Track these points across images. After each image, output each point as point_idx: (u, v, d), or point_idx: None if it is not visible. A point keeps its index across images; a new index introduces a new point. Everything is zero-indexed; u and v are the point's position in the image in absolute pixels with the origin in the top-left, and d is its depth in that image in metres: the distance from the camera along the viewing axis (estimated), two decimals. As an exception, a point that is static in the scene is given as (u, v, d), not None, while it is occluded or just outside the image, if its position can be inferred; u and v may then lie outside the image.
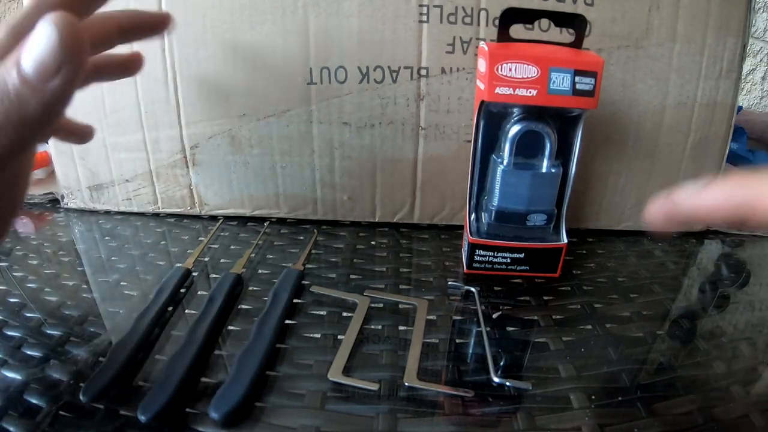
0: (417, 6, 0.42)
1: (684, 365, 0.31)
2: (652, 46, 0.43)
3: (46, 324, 0.34)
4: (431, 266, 0.43)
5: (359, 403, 0.28)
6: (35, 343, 0.32)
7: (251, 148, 0.47)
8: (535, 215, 0.39)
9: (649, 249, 0.47)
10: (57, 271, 0.41)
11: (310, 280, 0.40)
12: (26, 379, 0.28)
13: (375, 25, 0.43)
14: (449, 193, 0.48)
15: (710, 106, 0.45)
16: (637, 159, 0.47)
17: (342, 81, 0.44)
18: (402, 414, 0.27)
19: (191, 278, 0.39)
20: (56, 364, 0.30)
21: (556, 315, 0.36)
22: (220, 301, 0.34)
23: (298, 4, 0.43)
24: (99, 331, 0.33)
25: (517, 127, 0.37)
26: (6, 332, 0.33)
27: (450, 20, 0.43)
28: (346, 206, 0.50)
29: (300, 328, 0.34)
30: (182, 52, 0.44)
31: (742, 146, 0.67)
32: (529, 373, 0.30)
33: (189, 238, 0.47)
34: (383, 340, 0.33)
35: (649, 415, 0.27)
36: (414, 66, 0.44)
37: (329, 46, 0.44)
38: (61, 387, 0.28)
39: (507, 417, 0.27)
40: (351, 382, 0.29)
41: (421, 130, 0.46)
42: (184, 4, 0.43)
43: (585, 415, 0.27)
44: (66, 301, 0.37)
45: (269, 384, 0.29)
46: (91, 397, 0.26)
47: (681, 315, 0.37)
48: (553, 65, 0.34)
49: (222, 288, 0.36)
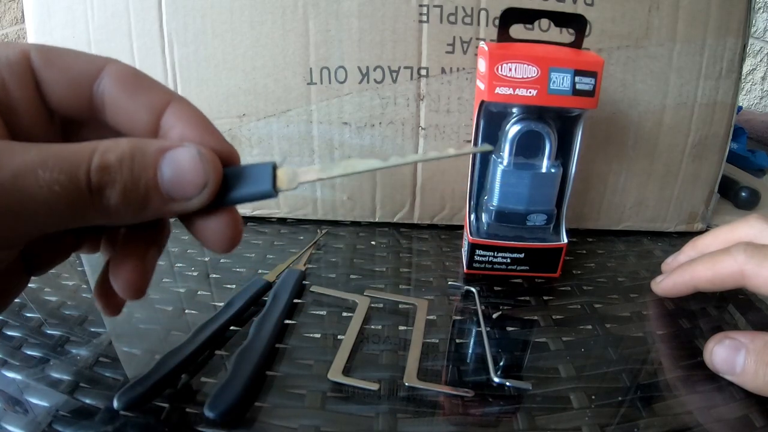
0: (417, 6, 0.42)
1: (684, 365, 0.31)
2: (652, 46, 0.43)
3: (46, 324, 0.34)
4: (431, 266, 0.43)
5: (359, 403, 0.28)
6: (35, 343, 0.32)
7: (251, 148, 0.47)
8: (535, 215, 0.39)
9: (649, 249, 0.47)
10: (57, 270, 0.41)
11: (311, 280, 0.40)
12: (26, 379, 0.28)
13: (375, 25, 0.43)
14: (449, 193, 0.48)
15: (710, 106, 0.45)
16: (637, 159, 0.47)
17: (342, 81, 0.44)
18: (402, 414, 0.27)
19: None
20: (56, 364, 0.30)
21: (556, 315, 0.36)
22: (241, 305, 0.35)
23: (298, 4, 0.43)
24: (99, 331, 0.33)
25: (517, 127, 0.37)
26: (6, 332, 0.33)
27: (450, 20, 0.43)
28: (346, 206, 0.50)
29: (300, 328, 0.34)
30: (182, 52, 0.44)
31: (742, 146, 0.67)
32: (529, 373, 0.30)
33: (188, 238, 0.46)
34: (383, 340, 0.33)
35: (649, 415, 0.27)
36: (414, 66, 0.44)
37: (329, 46, 0.44)
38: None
39: (507, 417, 0.27)
40: (351, 382, 0.29)
41: (421, 130, 0.46)
42: (184, 4, 0.43)
43: (585, 415, 0.27)
44: (66, 301, 0.37)
45: (269, 384, 0.29)
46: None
47: (681, 314, 0.37)
48: (553, 65, 0.34)
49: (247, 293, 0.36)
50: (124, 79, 0.20)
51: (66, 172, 0.16)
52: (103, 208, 0.17)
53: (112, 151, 0.17)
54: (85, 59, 0.20)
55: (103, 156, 0.17)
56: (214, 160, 0.18)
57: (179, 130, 0.19)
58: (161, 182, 0.17)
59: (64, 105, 0.20)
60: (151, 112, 0.20)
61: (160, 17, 0.44)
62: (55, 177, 0.16)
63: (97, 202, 0.17)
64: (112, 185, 0.17)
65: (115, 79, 0.19)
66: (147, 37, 0.44)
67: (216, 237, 0.19)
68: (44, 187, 0.16)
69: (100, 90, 0.19)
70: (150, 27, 0.44)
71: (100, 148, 0.17)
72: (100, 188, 0.17)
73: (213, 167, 0.18)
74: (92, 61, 0.20)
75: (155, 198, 0.18)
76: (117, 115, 0.20)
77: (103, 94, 0.20)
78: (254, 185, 0.19)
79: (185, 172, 0.18)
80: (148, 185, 0.17)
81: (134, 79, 0.20)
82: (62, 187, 0.16)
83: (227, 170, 0.19)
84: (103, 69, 0.20)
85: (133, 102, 0.20)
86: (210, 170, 0.18)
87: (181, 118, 0.20)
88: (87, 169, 0.16)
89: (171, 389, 0.28)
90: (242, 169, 0.19)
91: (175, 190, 0.18)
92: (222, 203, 0.19)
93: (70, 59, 0.20)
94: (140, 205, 0.17)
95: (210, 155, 0.18)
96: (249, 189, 0.19)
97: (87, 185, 0.16)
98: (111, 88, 0.19)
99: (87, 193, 0.16)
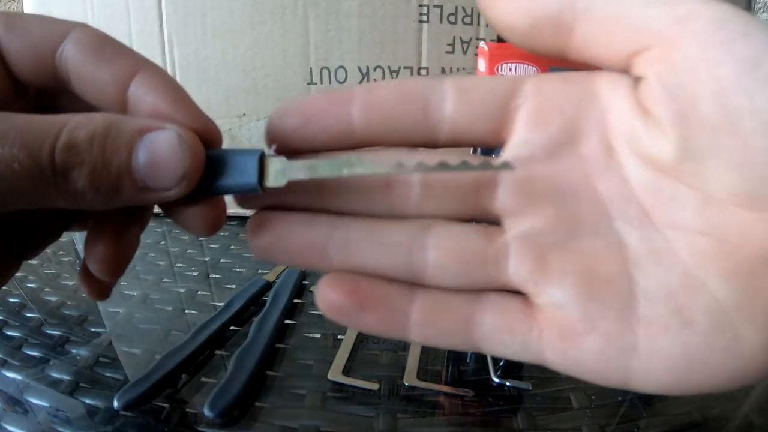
0: (417, 6, 0.42)
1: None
2: (652, 46, 0.43)
3: (46, 324, 0.34)
4: (431, 266, 0.43)
5: (359, 403, 0.28)
6: (35, 343, 0.32)
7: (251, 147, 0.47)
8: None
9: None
10: (57, 271, 0.41)
11: (311, 280, 0.40)
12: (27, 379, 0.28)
13: (375, 25, 0.43)
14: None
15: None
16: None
17: (342, 81, 0.44)
18: (402, 414, 0.27)
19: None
20: (56, 363, 0.30)
21: (556, 315, 0.36)
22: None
23: (298, 4, 0.43)
24: (99, 331, 0.33)
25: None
26: (6, 332, 0.33)
27: (450, 20, 0.43)
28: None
29: (300, 328, 0.34)
30: (182, 52, 0.44)
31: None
32: (529, 373, 0.30)
33: (188, 239, 0.47)
34: (383, 340, 0.33)
35: (649, 415, 0.27)
36: (414, 66, 0.44)
37: (329, 46, 0.44)
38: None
39: (507, 417, 0.27)
40: (351, 382, 0.29)
41: (421, 130, 0.46)
42: (184, 4, 0.43)
43: (585, 415, 0.27)
44: (66, 301, 0.37)
45: (269, 384, 0.29)
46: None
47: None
48: (553, 65, 0.34)
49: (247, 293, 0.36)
50: (88, 45, 0.17)
51: (27, 148, 0.14)
52: (68, 191, 0.15)
53: (83, 127, 0.15)
54: (49, 24, 0.18)
55: (71, 133, 0.15)
56: (196, 146, 0.16)
57: (150, 102, 0.17)
58: (135, 168, 0.15)
59: (27, 74, 0.18)
60: (117, 82, 0.17)
61: (160, 17, 0.44)
62: (14, 153, 0.14)
63: (62, 184, 0.15)
64: (80, 167, 0.15)
65: (78, 46, 0.17)
66: (147, 37, 0.44)
67: (196, 221, 0.17)
68: (1, 162, 0.14)
69: (63, 57, 0.17)
70: (150, 27, 0.44)
71: (70, 124, 0.15)
72: (65, 170, 0.15)
73: (194, 155, 0.16)
74: (56, 26, 0.17)
75: (128, 185, 0.16)
76: (82, 85, 0.18)
77: (67, 61, 0.17)
78: (238, 176, 0.17)
79: (163, 159, 0.15)
80: (120, 170, 0.15)
81: (99, 46, 0.17)
82: (22, 165, 0.14)
83: (209, 154, 0.17)
84: (67, 35, 0.17)
85: (98, 70, 0.17)
86: (190, 158, 0.16)
87: (152, 89, 0.17)
88: (51, 147, 0.14)
89: (171, 389, 0.28)
90: (226, 154, 0.17)
91: (151, 178, 0.16)
92: (201, 193, 0.17)
93: (33, 25, 0.18)
94: (111, 192, 0.16)
95: (192, 140, 0.16)
96: (232, 180, 0.17)
97: (50, 165, 0.14)
98: (74, 55, 0.17)
99: (50, 174, 0.15)
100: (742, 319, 0.14)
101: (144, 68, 0.17)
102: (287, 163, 0.17)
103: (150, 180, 0.16)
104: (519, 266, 0.16)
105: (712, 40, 0.14)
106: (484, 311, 0.16)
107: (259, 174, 0.17)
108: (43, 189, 0.15)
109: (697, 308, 0.15)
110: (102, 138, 0.15)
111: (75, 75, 0.17)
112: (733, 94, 0.14)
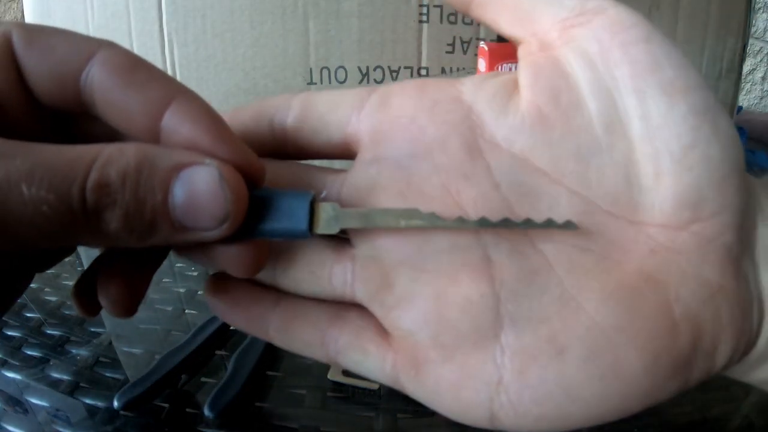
0: (417, 6, 0.42)
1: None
2: (652, 46, 0.43)
3: (46, 324, 0.34)
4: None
5: (359, 403, 0.28)
6: (35, 343, 0.32)
7: (251, 148, 0.47)
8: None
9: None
10: (57, 271, 0.41)
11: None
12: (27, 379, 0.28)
13: (375, 25, 0.43)
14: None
15: (710, 106, 0.45)
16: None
17: (342, 81, 0.44)
18: (402, 414, 0.27)
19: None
20: (56, 363, 0.30)
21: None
22: None
23: (298, 4, 0.43)
24: (99, 331, 0.33)
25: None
26: (6, 332, 0.33)
27: (450, 20, 0.43)
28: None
29: (300, 328, 0.34)
30: (182, 52, 0.44)
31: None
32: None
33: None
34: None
35: (649, 415, 0.27)
36: (414, 66, 0.44)
37: (329, 46, 0.44)
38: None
39: (507, 417, 0.27)
40: (351, 382, 0.29)
41: (421, 130, 0.46)
42: (184, 4, 0.43)
43: (585, 415, 0.27)
44: (66, 301, 0.37)
45: (269, 384, 0.29)
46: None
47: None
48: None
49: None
50: (117, 67, 0.16)
51: (56, 189, 0.13)
52: (100, 232, 0.14)
53: (114, 163, 0.14)
54: (74, 41, 0.16)
55: (102, 170, 0.13)
56: (239, 186, 0.15)
57: (186, 133, 0.16)
58: (171, 209, 0.14)
59: (48, 95, 0.16)
60: (149, 111, 0.16)
61: (160, 17, 0.44)
62: (42, 195, 0.13)
63: (94, 226, 0.14)
64: (112, 208, 0.14)
65: (106, 68, 0.16)
66: (147, 37, 0.44)
67: (236, 262, 0.16)
68: (29, 205, 0.13)
69: (88, 81, 0.16)
70: (150, 27, 0.44)
71: (100, 159, 0.14)
72: (97, 211, 0.14)
73: (237, 195, 0.14)
74: (82, 44, 0.16)
75: (164, 226, 0.14)
76: (110, 112, 0.16)
77: (92, 85, 0.16)
78: (286, 220, 0.16)
79: (203, 199, 0.14)
80: (155, 211, 0.14)
81: (130, 69, 0.16)
82: (51, 207, 0.13)
83: (254, 195, 0.15)
84: (94, 55, 0.16)
85: (128, 97, 0.16)
86: (233, 199, 0.14)
87: (189, 119, 0.16)
88: (81, 187, 0.13)
89: (171, 389, 0.28)
90: (272, 195, 0.16)
91: (189, 219, 0.14)
92: (245, 236, 0.16)
93: (56, 41, 0.16)
94: (145, 233, 0.14)
95: (234, 179, 0.15)
96: (279, 224, 0.15)
97: (81, 207, 0.13)
98: (102, 79, 0.16)
99: (81, 215, 0.13)
100: (622, 342, 0.13)
101: (180, 95, 0.16)
102: (340, 211, 0.16)
103: (188, 221, 0.14)
104: (363, 286, 0.15)
105: (611, 41, 0.14)
106: (341, 328, 0.15)
107: (309, 219, 0.16)
108: (74, 230, 0.14)
109: (573, 333, 0.13)
110: (135, 175, 0.14)
111: (101, 100, 0.16)
112: (626, 96, 0.13)
